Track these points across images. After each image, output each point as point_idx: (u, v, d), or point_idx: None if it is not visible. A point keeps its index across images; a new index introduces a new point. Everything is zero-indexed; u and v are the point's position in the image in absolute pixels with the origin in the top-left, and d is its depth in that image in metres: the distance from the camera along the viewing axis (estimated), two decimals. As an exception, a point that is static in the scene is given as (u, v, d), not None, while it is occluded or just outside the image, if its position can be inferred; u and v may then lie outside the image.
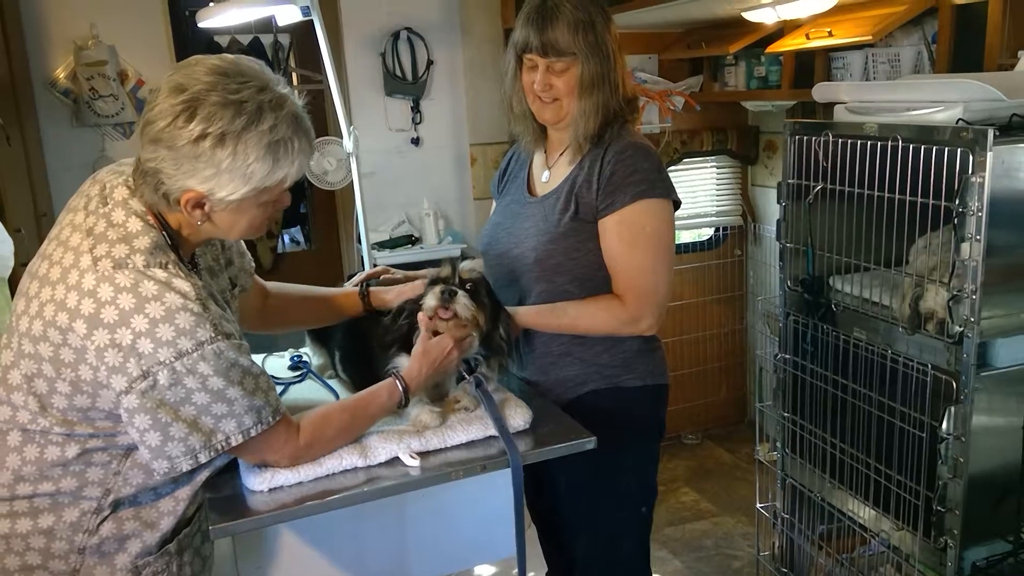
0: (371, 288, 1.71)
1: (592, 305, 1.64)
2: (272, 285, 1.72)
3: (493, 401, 1.50)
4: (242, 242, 1.58)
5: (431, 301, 1.51)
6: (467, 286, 1.53)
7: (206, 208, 1.25)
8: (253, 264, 1.63)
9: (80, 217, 1.26)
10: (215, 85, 1.18)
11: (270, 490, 1.32)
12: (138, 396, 1.17)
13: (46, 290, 1.21)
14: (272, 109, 1.21)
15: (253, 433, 1.26)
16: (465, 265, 1.54)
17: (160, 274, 1.20)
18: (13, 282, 2.43)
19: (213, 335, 1.20)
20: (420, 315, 1.52)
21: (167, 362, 1.17)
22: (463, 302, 1.50)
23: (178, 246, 1.30)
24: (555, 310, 1.65)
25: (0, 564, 1.28)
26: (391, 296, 1.69)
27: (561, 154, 1.73)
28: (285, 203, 1.34)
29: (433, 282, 1.55)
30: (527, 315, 1.66)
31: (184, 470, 1.24)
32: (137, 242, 1.22)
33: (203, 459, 1.24)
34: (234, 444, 1.25)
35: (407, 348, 1.54)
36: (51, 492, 1.27)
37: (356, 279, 1.82)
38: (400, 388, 1.45)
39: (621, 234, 1.60)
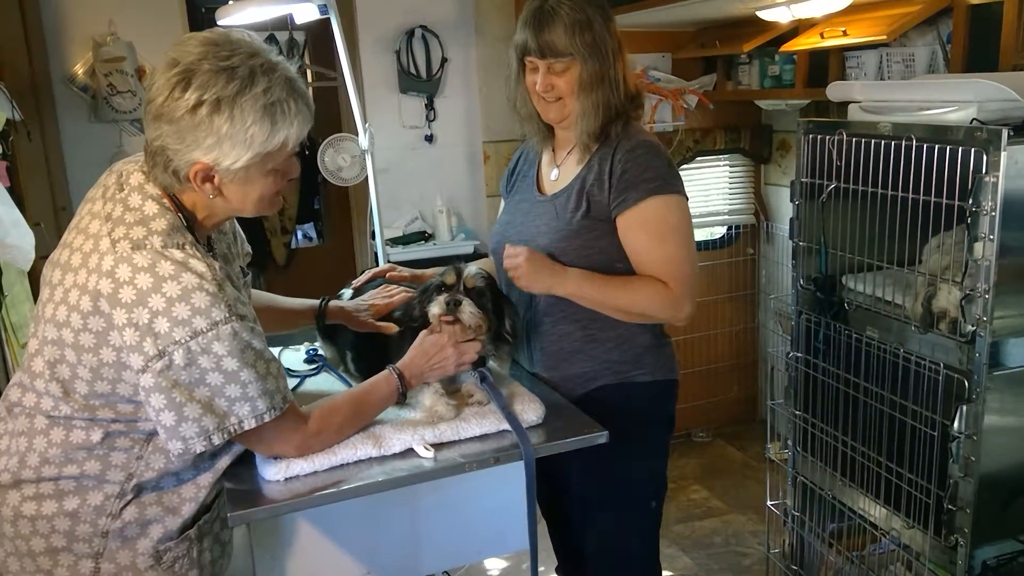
0: (329, 305, 1.74)
1: (643, 283, 1.62)
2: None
3: (500, 394, 1.52)
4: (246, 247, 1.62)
5: (435, 310, 1.53)
6: (473, 293, 1.54)
7: (215, 180, 1.26)
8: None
9: (99, 205, 1.29)
10: (206, 54, 1.21)
11: (286, 479, 1.35)
12: (153, 376, 1.20)
13: (68, 276, 1.24)
14: (264, 73, 1.23)
15: (267, 418, 1.28)
16: (471, 271, 1.55)
17: (177, 254, 1.22)
18: (34, 275, 2.46)
19: (228, 315, 1.21)
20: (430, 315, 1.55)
21: (182, 342, 1.19)
22: (468, 311, 1.52)
23: (194, 228, 1.32)
24: (608, 281, 1.63)
25: (27, 546, 1.31)
26: (352, 317, 1.71)
27: (569, 152, 1.74)
28: (294, 172, 1.35)
29: (439, 288, 1.56)
30: (576, 283, 1.62)
31: (198, 451, 1.25)
32: (154, 224, 1.24)
33: (216, 441, 1.25)
34: (247, 428, 1.27)
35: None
36: (76, 475, 1.29)
37: (363, 277, 1.83)
38: (395, 376, 1.47)
39: (648, 230, 1.61)
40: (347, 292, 1.85)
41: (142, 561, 1.34)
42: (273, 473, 1.35)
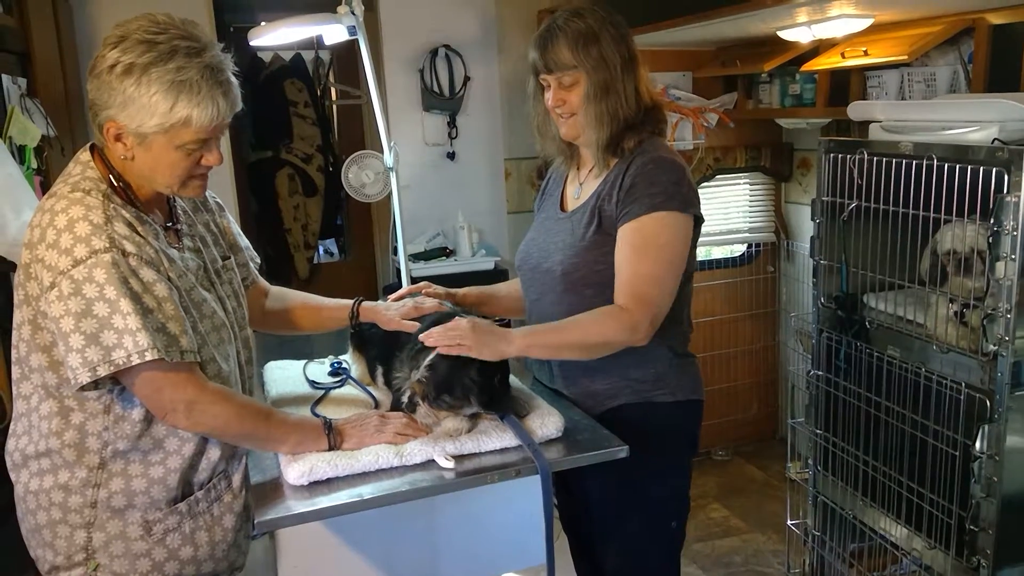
0: (362, 305, 1.76)
1: (590, 314, 1.61)
2: (275, 289, 1.80)
3: (520, 426, 1.53)
4: (243, 240, 1.68)
5: (404, 402, 1.54)
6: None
7: (124, 141, 1.33)
8: (258, 261, 1.74)
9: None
10: (142, 27, 1.30)
11: (309, 484, 1.37)
12: (47, 305, 1.25)
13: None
14: (187, 55, 1.29)
15: (149, 356, 1.24)
16: (416, 378, 1.52)
17: (75, 195, 1.30)
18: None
19: (108, 245, 1.25)
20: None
21: (66, 271, 1.23)
22: (422, 412, 1.51)
23: (131, 190, 1.37)
24: (554, 325, 1.62)
25: (34, 520, 1.39)
26: (382, 315, 1.73)
27: (591, 170, 1.77)
28: (211, 161, 1.38)
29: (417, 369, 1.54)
30: (522, 338, 1.58)
31: (83, 382, 1.24)
32: (72, 179, 1.34)
33: (102, 372, 1.24)
34: (134, 363, 1.24)
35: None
36: (58, 448, 1.35)
37: (398, 294, 1.86)
38: (325, 430, 1.47)
39: (633, 241, 1.61)
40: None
41: (132, 531, 1.38)
42: (296, 476, 1.38)
